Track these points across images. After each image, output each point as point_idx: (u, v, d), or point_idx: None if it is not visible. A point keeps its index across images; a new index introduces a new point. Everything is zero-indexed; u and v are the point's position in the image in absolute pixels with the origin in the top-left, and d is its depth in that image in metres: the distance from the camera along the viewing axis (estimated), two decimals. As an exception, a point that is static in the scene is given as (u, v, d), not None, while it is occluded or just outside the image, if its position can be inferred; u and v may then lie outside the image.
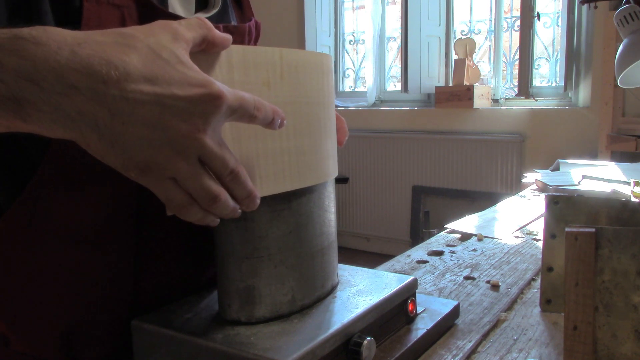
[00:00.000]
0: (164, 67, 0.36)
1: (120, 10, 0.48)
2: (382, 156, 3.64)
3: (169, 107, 0.36)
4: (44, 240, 0.49)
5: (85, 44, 0.35)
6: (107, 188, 0.50)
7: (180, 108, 0.36)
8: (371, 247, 3.76)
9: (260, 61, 0.46)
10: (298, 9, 3.91)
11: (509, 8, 3.45)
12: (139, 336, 0.52)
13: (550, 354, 0.57)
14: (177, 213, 0.40)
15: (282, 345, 0.46)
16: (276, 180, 0.48)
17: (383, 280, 0.60)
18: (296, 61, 0.49)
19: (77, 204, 0.49)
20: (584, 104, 3.04)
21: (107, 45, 0.36)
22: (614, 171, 1.61)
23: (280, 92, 0.47)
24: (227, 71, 0.43)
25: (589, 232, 0.50)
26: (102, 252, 0.51)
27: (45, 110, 0.34)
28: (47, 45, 0.34)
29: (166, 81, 0.36)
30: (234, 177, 0.40)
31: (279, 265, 0.51)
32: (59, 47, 0.34)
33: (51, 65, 0.34)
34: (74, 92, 0.34)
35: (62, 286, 0.51)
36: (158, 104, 0.36)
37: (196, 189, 0.38)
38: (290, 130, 0.49)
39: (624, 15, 1.36)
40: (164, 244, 0.56)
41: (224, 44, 0.42)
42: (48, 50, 0.34)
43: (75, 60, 0.34)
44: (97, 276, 0.52)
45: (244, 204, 0.42)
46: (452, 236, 1.06)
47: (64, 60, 0.34)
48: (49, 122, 0.35)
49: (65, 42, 0.35)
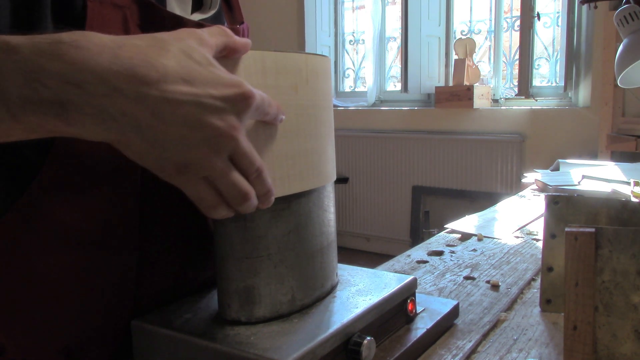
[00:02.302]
0: (197, 68, 0.38)
1: (122, 11, 0.49)
2: (382, 156, 3.64)
3: (206, 106, 0.37)
4: (44, 245, 0.48)
5: (125, 46, 0.36)
6: (108, 191, 0.50)
7: (217, 107, 0.37)
8: (371, 247, 3.76)
9: (290, 66, 0.48)
10: (298, 8, 3.91)
11: (509, 8, 3.45)
12: (138, 336, 0.52)
13: (550, 354, 0.57)
14: (206, 212, 0.41)
15: (282, 345, 0.46)
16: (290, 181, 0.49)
17: (383, 280, 0.60)
18: (318, 67, 0.51)
19: (78, 207, 0.49)
20: (584, 104, 3.04)
21: (145, 47, 0.37)
22: (614, 171, 1.61)
23: (305, 97, 0.50)
24: (261, 76, 0.46)
25: (589, 232, 0.50)
26: (103, 256, 0.51)
27: (89, 113, 0.35)
28: (88, 49, 0.35)
29: (201, 82, 0.37)
30: (259, 175, 0.41)
31: (278, 265, 0.51)
32: (100, 50, 0.35)
33: (94, 68, 0.35)
34: (117, 94, 0.35)
35: (62, 291, 0.50)
36: (196, 104, 0.37)
37: (228, 186, 0.40)
38: (312, 132, 0.51)
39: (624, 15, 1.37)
40: (166, 247, 0.55)
41: (245, 49, 0.44)
42: (90, 53, 0.35)
43: (117, 62, 0.35)
44: (99, 280, 0.51)
45: (262, 200, 0.43)
46: (452, 236, 1.06)
47: (106, 63, 0.35)
48: (92, 124, 0.35)
49: (105, 45, 0.35)
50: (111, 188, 0.50)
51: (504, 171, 3.22)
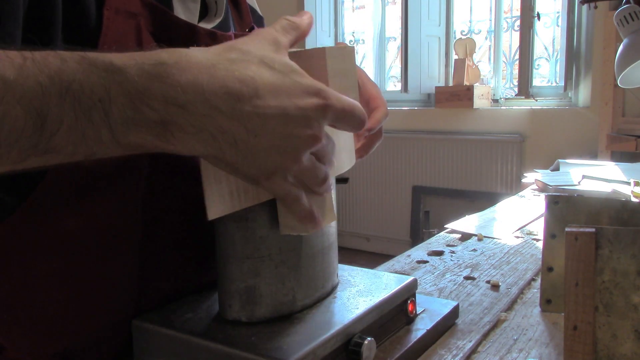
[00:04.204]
0: (281, 78, 0.39)
1: (136, 19, 0.49)
2: (382, 156, 3.64)
3: (293, 117, 0.39)
4: (45, 247, 0.48)
5: (218, 64, 0.37)
6: (110, 195, 0.49)
7: (304, 117, 0.39)
8: (371, 247, 3.76)
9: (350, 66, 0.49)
10: (298, 9, 3.91)
11: (509, 8, 3.45)
12: (139, 336, 0.52)
13: (550, 354, 0.57)
14: (290, 207, 0.43)
15: (283, 346, 0.46)
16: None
17: (383, 281, 0.60)
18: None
19: (79, 211, 0.48)
20: (584, 104, 3.04)
21: (234, 62, 0.38)
22: (614, 171, 1.61)
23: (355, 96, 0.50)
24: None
25: (589, 232, 0.50)
26: (105, 259, 0.51)
27: (190, 132, 0.36)
28: (189, 70, 0.36)
29: (286, 93, 0.39)
30: (331, 164, 0.45)
31: (279, 265, 0.51)
32: (199, 71, 0.36)
33: (196, 89, 0.36)
34: (216, 113, 0.36)
35: (62, 294, 0.50)
36: (284, 116, 0.38)
37: (312, 178, 0.43)
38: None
39: (624, 15, 1.37)
40: (168, 250, 0.55)
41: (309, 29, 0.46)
42: (191, 75, 0.36)
43: (214, 82, 0.36)
44: (100, 284, 0.51)
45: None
46: (452, 236, 1.06)
47: (205, 84, 0.36)
48: (192, 142, 0.37)
49: (201, 65, 0.37)
50: (113, 192, 0.50)
51: (504, 171, 3.22)
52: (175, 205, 0.55)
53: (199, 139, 0.37)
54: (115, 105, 0.34)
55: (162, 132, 0.36)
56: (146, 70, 0.35)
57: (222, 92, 0.36)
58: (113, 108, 0.34)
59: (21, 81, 0.32)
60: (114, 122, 0.35)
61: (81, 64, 0.34)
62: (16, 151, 0.33)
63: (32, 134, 0.33)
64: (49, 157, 0.35)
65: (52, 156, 0.35)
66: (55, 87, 0.33)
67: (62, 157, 0.35)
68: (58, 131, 0.33)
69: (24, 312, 0.50)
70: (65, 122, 0.33)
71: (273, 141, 0.38)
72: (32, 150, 0.34)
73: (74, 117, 0.34)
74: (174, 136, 0.36)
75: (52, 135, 0.33)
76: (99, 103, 0.34)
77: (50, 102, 0.33)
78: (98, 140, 0.35)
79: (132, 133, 0.35)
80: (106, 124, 0.34)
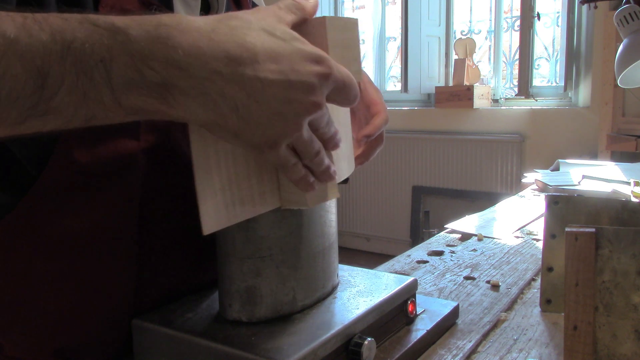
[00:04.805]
0: (282, 45, 0.38)
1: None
2: (382, 156, 3.64)
3: (294, 83, 0.38)
4: (43, 247, 0.48)
5: (217, 29, 0.37)
6: (108, 195, 0.49)
7: (305, 83, 0.38)
8: (371, 247, 3.76)
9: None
10: (298, 9, 3.90)
11: (509, 8, 3.45)
12: (139, 335, 0.52)
13: (550, 354, 0.57)
14: (288, 174, 0.43)
15: (283, 346, 0.46)
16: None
17: (383, 281, 0.60)
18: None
19: (77, 211, 0.48)
20: (584, 104, 3.04)
21: (234, 29, 0.38)
22: (614, 171, 1.62)
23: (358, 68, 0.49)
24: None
25: (589, 232, 0.50)
26: (102, 259, 0.51)
27: (191, 95, 0.36)
28: (189, 33, 0.36)
29: (287, 58, 0.38)
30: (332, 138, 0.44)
31: (280, 265, 0.51)
32: (199, 34, 0.36)
33: (196, 52, 0.35)
34: (217, 77, 0.36)
35: (60, 294, 0.50)
36: (285, 82, 0.38)
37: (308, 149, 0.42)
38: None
39: (624, 15, 1.37)
40: (167, 250, 0.55)
41: (315, 10, 0.46)
42: (191, 38, 0.36)
43: (214, 46, 0.36)
44: (97, 284, 0.51)
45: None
46: (452, 236, 1.06)
47: (205, 47, 0.36)
48: (193, 106, 0.37)
49: (201, 29, 0.36)
50: (110, 192, 0.50)
51: (504, 171, 3.22)
52: (173, 204, 0.55)
53: (200, 102, 0.36)
54: (117, 65, 0.34)
55: (164, 95, 0.36)
56: (148, 31, 0.35)
57: (222, 56, 0.36)
58: (114, 68, 0.34)
59: (22, 39, 0.32)
60: (115, 83, 0.34)
61: (83, 24, 0.34)
62: (16, 111, 0.33)
63: (32, 93, 0.32)
64: (49, 119, 0.34)
65: (51, 118, 0.34)
66: (57, 46, 0.33)
67: (62, 120, 0.35)
68: (59, 90, 0.33)
69: (22, 310, 0.50)
70: (66, 82, 0.33)
71: (275, 107, 0.38)
72: (32, 111, 0.33)
73: (75, 77, 0.33)
74: (176, 99, 0.36)
75: (53, 95, 0.33)
76: (101, 63, 0.34)
77: (51, 61, 0.32)
78: (99, 101, 0.35)
79: (133, 94, 0.35)
80: (107, 84, 0.34)
